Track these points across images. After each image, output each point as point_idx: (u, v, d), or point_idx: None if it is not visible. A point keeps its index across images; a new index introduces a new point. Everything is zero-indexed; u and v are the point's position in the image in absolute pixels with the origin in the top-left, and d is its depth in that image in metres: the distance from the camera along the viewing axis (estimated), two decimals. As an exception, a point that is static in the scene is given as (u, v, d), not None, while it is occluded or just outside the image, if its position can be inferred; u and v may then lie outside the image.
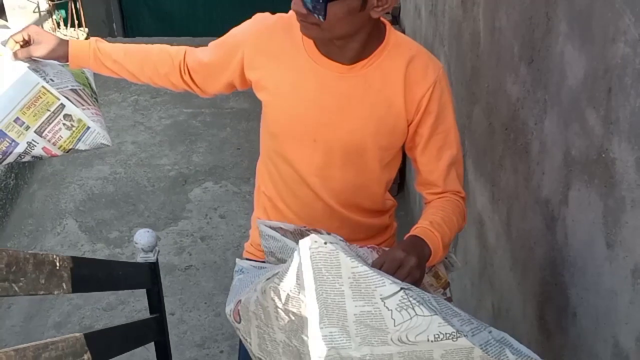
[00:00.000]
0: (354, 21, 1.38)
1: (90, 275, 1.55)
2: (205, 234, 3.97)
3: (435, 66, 1.51)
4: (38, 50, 1.62)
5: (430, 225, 1.41)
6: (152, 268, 2.16)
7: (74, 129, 1.63)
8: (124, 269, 1.97)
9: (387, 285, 1.06)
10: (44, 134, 1.61)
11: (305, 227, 1.45)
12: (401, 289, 1.06)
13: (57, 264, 1.36)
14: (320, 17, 1.34)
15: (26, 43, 1.63)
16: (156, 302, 2.23)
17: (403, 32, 3.88)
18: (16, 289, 1.16)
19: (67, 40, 1.66)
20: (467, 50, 2.28)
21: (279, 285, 1.06)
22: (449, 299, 1.50)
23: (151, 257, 2.17)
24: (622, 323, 1.16)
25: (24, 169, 4.33)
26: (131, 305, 3.48)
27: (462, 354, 1.07)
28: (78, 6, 6.07)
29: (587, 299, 1.32)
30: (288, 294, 1.06)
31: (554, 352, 1.50)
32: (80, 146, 1.65)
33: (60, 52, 1.63)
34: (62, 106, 1.62)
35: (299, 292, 1.05)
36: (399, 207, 1.80)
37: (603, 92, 1.20)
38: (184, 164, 4.60)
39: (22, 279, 1.19)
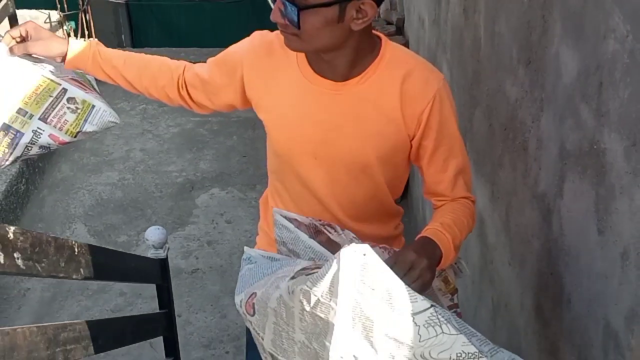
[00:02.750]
0: (333, 33, 1.36)
1: (105, 264, 1.61)
2: (212, 239, 4.04)
3: (436, 79, 1.49)
4: (35, 47, 1.58)
5: (441, 226, 1.40)
6: (162, 264, 2.23)
7: (79, 111, 1.59)
8: (136, 262, 2.04)
9: (419, 301, 1.07)
10: (48, 120, 1.57)
11: (320, 221, 1.46)
12: (431, 306, 1.07)
13: (76, 249, 1.42)
14: (294, 26, 1.33)
15: (23, 40, 1.59)
16: (166, 298, 2.30)
17: (407, 42, 3.96)
18: (39, 268, 1.23)
19: (66, 39, 1.62)
20: (468, 56, 2.36)
21: (310, 289, 1.05)
22: (456, 305, 1.53)
23: (161, 254, 2.24)
24: (612, 304, 1.23)
25: (35, 174, 4.42)
26: (139, 307, 3.54)
27: None
28: (88, 18, 6.18)
29: (581, 284, 1.38)
30: (318, 299, 1.05)
31: (550, 340, 1.56)
32: (88, 127, 1.62)
33: (58, 50, 1.59)
34: (65, 90, 1.59)
35: (330, 299, 1.04)
36: (403, 215, 1.82)
37: (595, 87, 1.27)
38: (191, 170, 4.68)
39: (44, 259, 1.26)
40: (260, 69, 1.54)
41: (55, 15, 6.02)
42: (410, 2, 3.97)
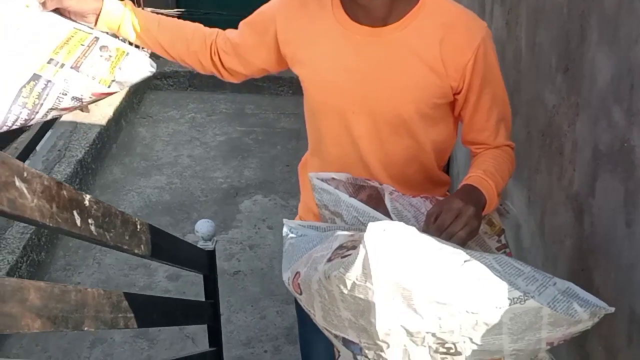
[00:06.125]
0: None
1: (161, 245, 1.73)
2: (254, 243, 4.16)
3: (479, 27, 1.46)
4: (68, 1, 1.51)
5: (484, 174, 1.40)
6: (210, 255, 2.35)
7: (112, 59, 1.52)
8: (187, 249, 2.16)
9: (455, 257, 1.07)
10: (80, 69, 1.49)
11: (358, 177, 1.46)
12: (465, 261, 1.07)
13: (138, 226, 1.55)
14: None
15: None
16: (212, 288, 2.41)
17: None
18: (107, 237, 1.35)
19: None
20: (509, 67, 2.44)
21: (344, 275, 1.06)
22: (504, 246, 1.53)
23: (209, 246, 2.36)
24: (637, 292, 1.30)
25: (87, 175, 4.61)
26: (182, 305, 3.67)
27: (531, 315, 1.07)
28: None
29: (609, 277, 1.45)
30: (354, 282, 1.06)
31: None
32: (122, 76, 1.54)
33: (91, 6, 1.54)
34: (97, 38, 1.52)
35: (366, 281, 1.04)
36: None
37: (626, 88, 1.35)
38: (236, 177, 4.83)
39: (112, 230, 1.38)
40: (294, 22, 1.50)
41: None
42: (455, 19, 4.07)
